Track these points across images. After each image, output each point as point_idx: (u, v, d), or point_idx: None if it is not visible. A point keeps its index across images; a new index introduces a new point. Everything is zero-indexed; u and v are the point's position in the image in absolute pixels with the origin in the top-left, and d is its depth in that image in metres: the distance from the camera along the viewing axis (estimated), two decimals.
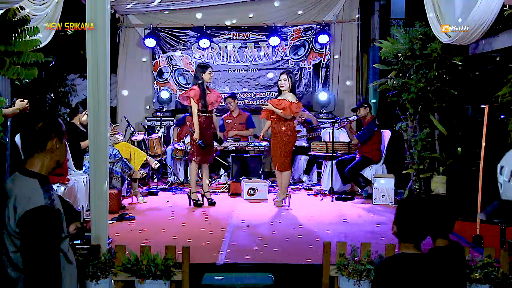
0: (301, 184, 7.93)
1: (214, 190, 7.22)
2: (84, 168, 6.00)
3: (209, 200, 6.30)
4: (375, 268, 3.25)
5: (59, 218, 2.11)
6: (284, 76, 6.16)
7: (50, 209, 2.05)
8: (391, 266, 2.45)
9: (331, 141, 6.95)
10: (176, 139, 8.32)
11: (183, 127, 8.24)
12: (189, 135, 6.29)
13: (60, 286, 2.07)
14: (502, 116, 5.38)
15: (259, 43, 9.04)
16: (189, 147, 6.35)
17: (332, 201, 6.61)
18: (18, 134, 5.34)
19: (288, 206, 6.24)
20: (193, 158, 6.19)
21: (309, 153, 7.54)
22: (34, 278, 1.99)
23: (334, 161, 6.86)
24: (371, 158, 6.83)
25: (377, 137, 6.90)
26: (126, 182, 6.39)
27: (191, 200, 6.29)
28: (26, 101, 4.80)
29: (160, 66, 9.12)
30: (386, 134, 7.06)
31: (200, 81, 6.09)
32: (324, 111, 8.66)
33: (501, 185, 3.94)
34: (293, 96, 6.14)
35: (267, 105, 6.25)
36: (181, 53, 9.10)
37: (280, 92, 6.28)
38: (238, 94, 8.76)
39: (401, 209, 2.52)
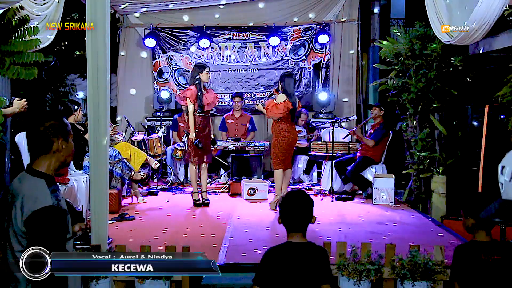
0: (301, 184, 7.93)
1: (214, 190, 7.22)
2: (84, 168, 5.99)
3: (204, 200, 6.28)
4: None
5: (65, 218, 2.10)
6: None
7: (57, 209, 2.05)
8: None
9: (331, 141, 6.95)
10: (175, 141, 8.22)
11: (179, 128, 8.20)
12: (185, 136, 6.23)
13: (66, 285, 2.07)
14: (502, 116, 5.38)
15: (259, 43, 9.03)
16: (187, 148, 6.30)
17: (332, 201, 6.61)
18: (18, 134, 5.35)
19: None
20: (190, 159, 6.19)
21: (309, 153, 7.54)
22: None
23: (333, 162, 6.86)
24: (372, 158, 6.83)
25: (386, 138, 6.92)
26: (126, 182, 6.38)
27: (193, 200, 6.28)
28: (24, 100, 4.80)
29: (160, 66, 9.11)
30: None
31: (197, 81, 6.08)
32: (324, 111, 8.65)
33: (502, 185, 3.94)
34: (281, 97, 5.99)
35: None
36: (181, 53, 9.09)
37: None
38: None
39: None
